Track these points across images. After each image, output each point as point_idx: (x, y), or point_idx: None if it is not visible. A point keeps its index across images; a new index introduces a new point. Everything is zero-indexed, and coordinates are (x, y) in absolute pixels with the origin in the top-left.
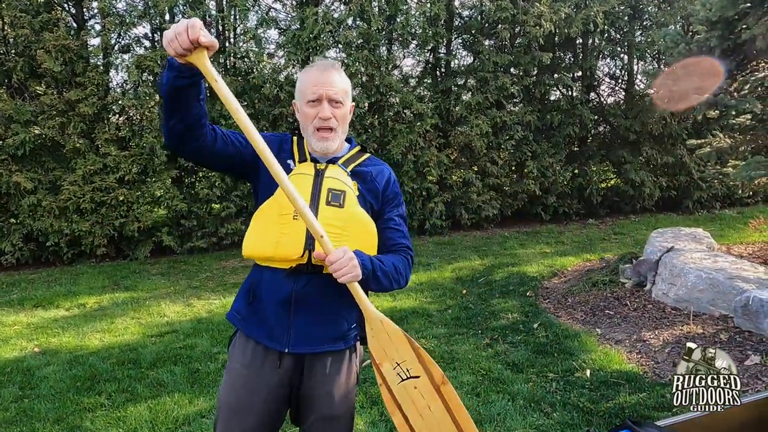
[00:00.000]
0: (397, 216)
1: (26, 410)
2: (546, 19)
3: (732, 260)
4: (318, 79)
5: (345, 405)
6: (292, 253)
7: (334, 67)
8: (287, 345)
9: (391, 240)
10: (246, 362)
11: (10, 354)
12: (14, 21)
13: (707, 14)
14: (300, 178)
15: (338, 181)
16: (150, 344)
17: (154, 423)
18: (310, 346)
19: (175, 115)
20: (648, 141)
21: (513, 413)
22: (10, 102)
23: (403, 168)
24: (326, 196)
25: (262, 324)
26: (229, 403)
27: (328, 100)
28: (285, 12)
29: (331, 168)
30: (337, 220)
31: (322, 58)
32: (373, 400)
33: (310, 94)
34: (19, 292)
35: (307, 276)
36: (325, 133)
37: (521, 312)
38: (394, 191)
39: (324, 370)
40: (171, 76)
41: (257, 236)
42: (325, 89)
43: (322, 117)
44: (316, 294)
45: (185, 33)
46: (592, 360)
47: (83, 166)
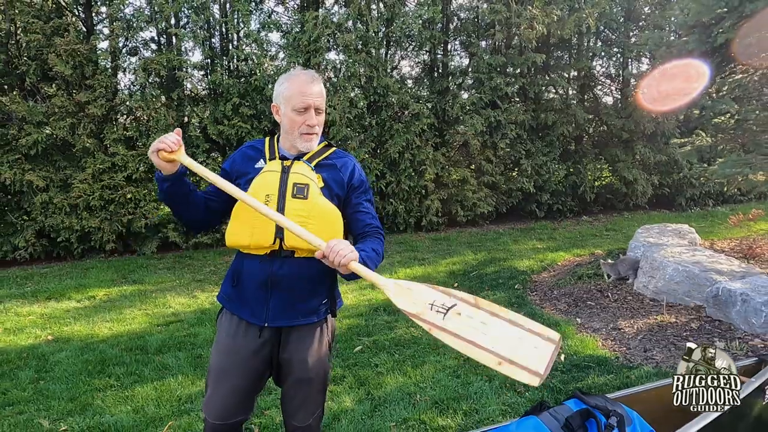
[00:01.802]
0: (365, 201)
1: (42, 390)
2: (538, 21)
3: (710, 254)
4: (306, 89)
5: (317, 368)
6: (264, 241)
7: (317, 78)
8: (266, 320)
9: (362, 222)
10: (231, 333)
11: (26, 341)
12: (27, 26)
13: (685, 18)
14: (269, 175)
15: (302, 176)
16: (156, 332)
17: (159, 401)
18: (286, 321)
19: (183, 213)
20: (641, 140)
21: (489, 393)
22: (23, 104)
23: (400, 166)
24: (292, 190)
25: (245, 304)
26: (217, 366)
27: (315, 109)
28: (287, 15)
29: (297, 164)
30: (302, 210)
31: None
32: (360, 381)
33: (298, 103)
34: (32, 285)
35: (281, 260)
36: (310, 137)
37: (507, 303)
38: (360, 179)
39: (298, 339)
40: (162, 186)
41: (235, 228)
42: (313, 99)
43: (309, 124)
44: (289, 276)
45: (165, 144)
46: (568, 346)
47: (93, 165)
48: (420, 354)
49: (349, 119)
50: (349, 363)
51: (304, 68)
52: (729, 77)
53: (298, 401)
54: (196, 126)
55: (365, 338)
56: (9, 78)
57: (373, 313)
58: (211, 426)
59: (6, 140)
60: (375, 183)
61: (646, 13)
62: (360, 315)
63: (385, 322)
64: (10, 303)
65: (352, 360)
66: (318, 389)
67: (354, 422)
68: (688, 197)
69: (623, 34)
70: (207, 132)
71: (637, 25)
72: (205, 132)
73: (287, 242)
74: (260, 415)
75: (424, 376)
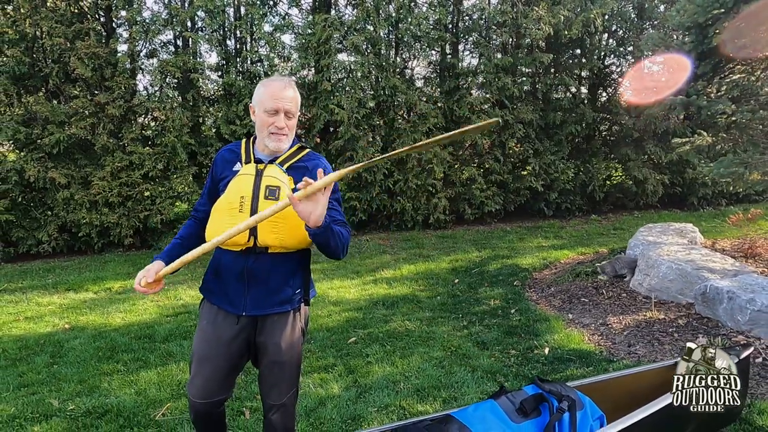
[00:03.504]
0: (333, 200)
1: (55, 374)
2: (545, 22)
3: (705, 253)
4: (278, 94)
5: (291, 352)
6: (239, 238)
7: (290, 84)
8: (243, 309)
9: (330, 218)
10: (211, 320)
11: (44, 329)
12: (51, 31)
13: (681, 19)
14: (243, 179)
15: (274, 179)
16: (165, 323)
17: (160, 385)
18: (261, 310)
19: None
20: (652, 139)
21: (470, 382)
22: (46, 105)
23: (407, 165)
24: (264, 192)
25: (223, 295)
26: (199, 350)
27: (284, 113)
28: (299, 17)
29: (270, 167)
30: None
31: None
32: (350, 369)
33: (269, 106)
34: (53, 278)
35: (255, 256)
36: (279, 137)
37: (504, 299)
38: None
39: (273, 325)
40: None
41: (213, 225)
42: (283, 104)
43: (278, 126)
44: (263, 269)
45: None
46: (554, 340)
47: (111, 163)
48: (410, 345)
49: (357, 119)
50: (342, 353)
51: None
52: (726, 77)
53: (273, 381)
54: (210, 126)
55: (360, 330)
56: (34, 80)
57: (372, 307)
58: (195, 405)
59: (31, 139)
60: (383, 181)
61: (660, 11)
62: (359, 309)
63: (381, 316)
64: (32, 293)
65: (345, 350)
66: (291, 371)
67: (338, 407)
68: (700, 196)
69: (635, 32)
70: (220, 131)
71: (651, 23)
72: (218, 131)
73: (261, 240)
74: (252, 399)
75: (410, 365)
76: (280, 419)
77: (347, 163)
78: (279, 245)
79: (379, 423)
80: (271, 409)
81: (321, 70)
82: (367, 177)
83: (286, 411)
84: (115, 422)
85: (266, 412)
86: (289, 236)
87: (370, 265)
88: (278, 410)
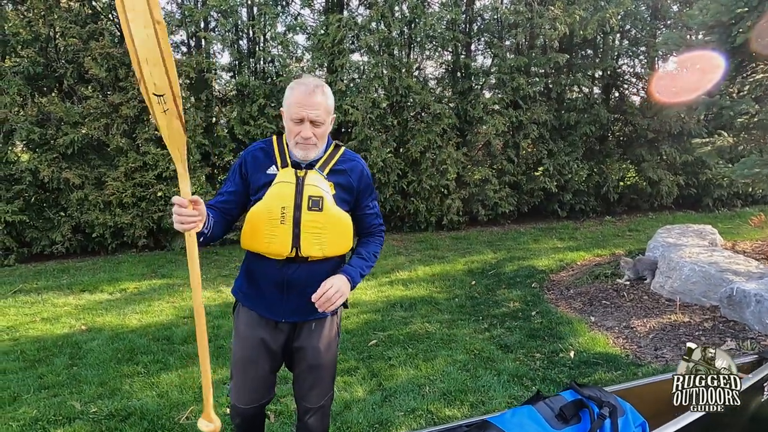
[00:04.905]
0: (371, 202)
1: (75, 376)
2: (560, 21)
3: (728, 255)
4: (303, 101)
5: (329, 356)
6: (282, 251)
7: (317, 88)
8: (282, 316)
9: (369, 223)
10: (251, 324)
11: (61, 330)
12: (65, 31)
13: (704, 18)
14: (283, 187)
15: (317, 188)
16: (182, 324)
17: (182, 387)
18: (301, 317)
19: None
20: (667, 139)
21: (496, 386)
22: (61, 105)
23: (421, 166)
24: (307, 203)
25: (260, 300)
26: (241, 355)
27: (310, 122)
28: (312, 18)
29: (310, 175)
30: (317, 222)
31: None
32: (373, 372)
33: (294, 114)
34: (68, 278)
35: (296, 264)
36: (306, 146)
37: (523, 301)
38: (366, 183)
39: (312, 330)
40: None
41: (252, 234)
42: (308, 112)
43: (303, 136)
44: (303, 277)
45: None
46: (579, 343)
47: (125, 163)
48: (432, 348)
49: (371, 119)
50: (363, 356)
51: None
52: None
53: (311, 384)
54: (224, 126)
55: (380, 333)
56: (48, 80)
57: (390, 308)
58: (241, 410)
59: (45, 140)
60: (396, 182)
61: (674, 11)
62: (377, 311)
63: (400, 318)
64: (47, 294)
65: (366, 353)
66: (330, 373)
67: (364, 411)
68: (715, 198)
69: (649, 32)
70: (234, 132)
71: (665, 23)
72: (231, 132)
73: (303, 252)
74: (276, 402)
75: (434, 369)
76: (319, 422)
77: None
78: (321, 255)
79: (408, 427)
80: (308, 413)
81: (335, 70)
82: (381, 178)
83: (324, 413)
84: (139, 425)
85: (302, 416)
86: (331, 247)
87: (385, 267)
88: (316, 413)
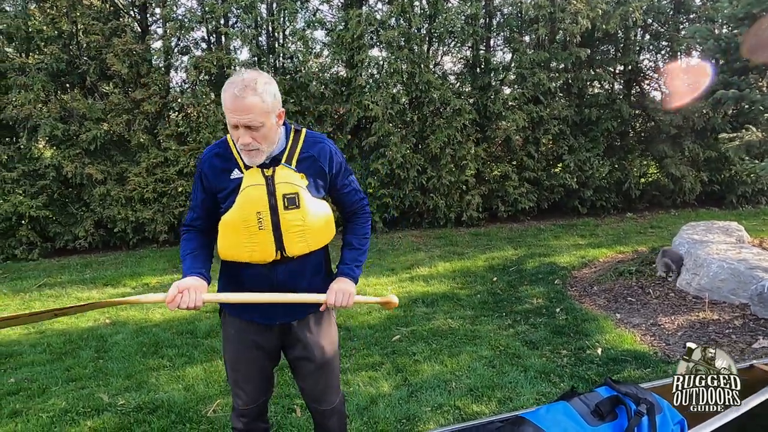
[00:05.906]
0: (347, 179)
1: (101, 368)
2: (583, 15)
3: (757, 252)
4: (231, 105)
5: (331, 350)
6: (267, 257)
7: (247, 88)
8: (276, 319)
9: (350, 201)
10: (241, 328)
11: (86, 324)
12: (87, 28)
13: (734, 11)
14: (253, 190)
15: (290, 185)
16: (204, 318)
17: (208, 381)
18: (295, 317)
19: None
20: (690, 135)
21: (524, 382)
22: (83, 101)
23: (441, 161)
24: (283, 203)
25: (251, 307)
26: (235, 358)
27: (245, 127)
28: (331, 13)
29: (279, 171)
30: (297, 220)
31: (244, 70)
32: (398, 368)
33: (228, 119)
34: (91, 273)
35: (283, 265)
36: (248, 153)
37: (546, 298)
38: (338, 162)
39: (311, 329)
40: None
41: (230, 244)
42: (238, 118)
43: (242, 143)
44: (291, 277)
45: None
46: (605, 340)
47: (147, 159)
48: (457, 344)
49: (391, 115)
50: (387, 351)
51: (248, 70)
52: None
53: (324, 386)
54: None
55: (403, 328)
56: (71, 77)
57: (412, 304)
58: (242, 411)
59: (68, 136)
60: (416, 178)
61: (697, 5)
62: (399, 306)
63: (423, 313)
64: (71, 288)
65: (390, 348)
66: (336, 370)
67: (391, 406)
68: (739, 194)
69: (672, 26)
70: None
71: (687, 17)
72: None
73: (288, 252)
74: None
75: (460, 364)
76: (337, 423)
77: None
78: (307, 251)
79: (435, 423)
80: (326, 415)
81: (355, 65)
82: (401, 174)
83: (341, 413)
84: (167, 418)
85: (320, 419)
86: (315, 240)
87: (405, 263)
88: (334, 414)
